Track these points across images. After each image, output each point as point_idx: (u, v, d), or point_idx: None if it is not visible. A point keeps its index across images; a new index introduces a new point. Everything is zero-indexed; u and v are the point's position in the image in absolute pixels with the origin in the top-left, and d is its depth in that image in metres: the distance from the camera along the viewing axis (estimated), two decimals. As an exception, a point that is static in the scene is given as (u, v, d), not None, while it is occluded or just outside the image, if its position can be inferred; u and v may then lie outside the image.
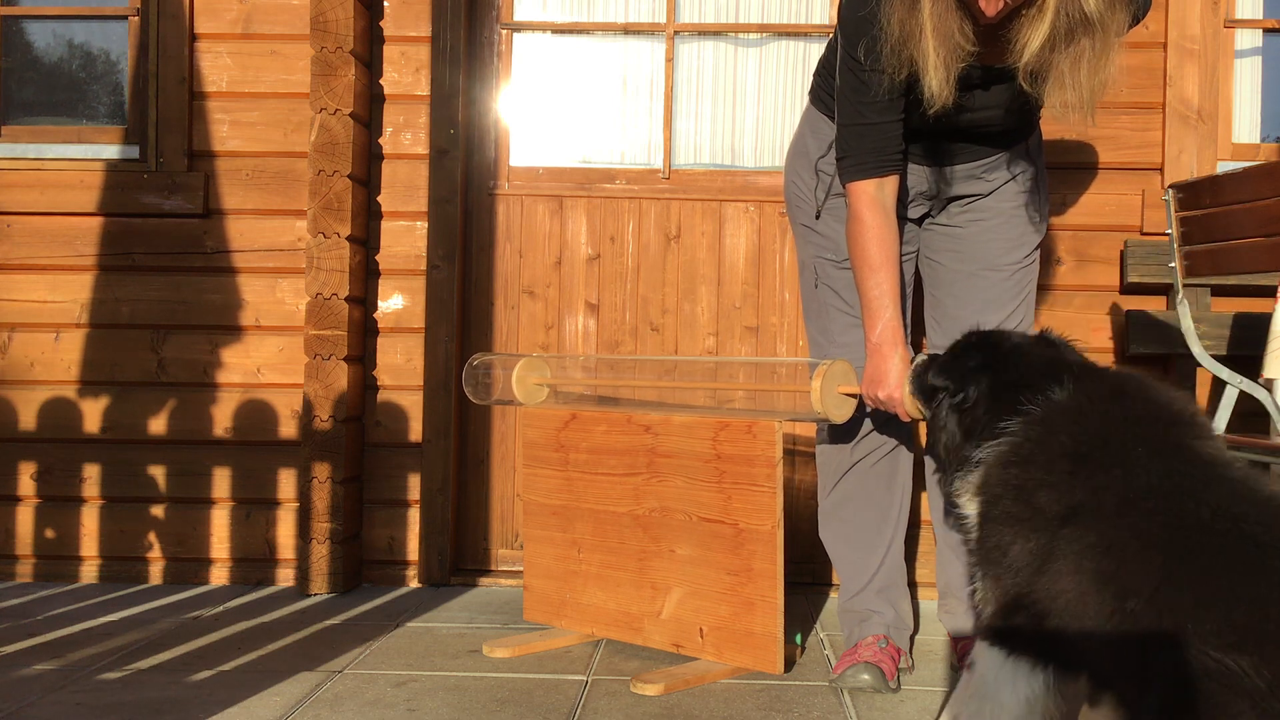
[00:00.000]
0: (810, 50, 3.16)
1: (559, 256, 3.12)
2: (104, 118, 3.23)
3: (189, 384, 3.06)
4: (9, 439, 3.06)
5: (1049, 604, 1.39)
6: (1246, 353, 2.73)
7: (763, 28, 3.16)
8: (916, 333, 2.38)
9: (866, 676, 2.09)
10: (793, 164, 2.31)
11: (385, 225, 3.06)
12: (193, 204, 3.03)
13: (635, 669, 2.22)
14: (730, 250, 3.09)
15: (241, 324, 3.06)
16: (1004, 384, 1.61)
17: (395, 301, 3.05)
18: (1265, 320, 2.52)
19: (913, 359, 2.23)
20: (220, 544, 3.04)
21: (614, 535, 2.37)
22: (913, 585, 2.95)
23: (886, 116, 2.01)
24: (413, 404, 3.04)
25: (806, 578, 3.04)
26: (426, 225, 3.03)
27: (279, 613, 2.71)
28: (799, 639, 2.49)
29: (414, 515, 3.04)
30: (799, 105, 3.15)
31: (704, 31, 3.17)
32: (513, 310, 3.13)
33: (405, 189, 3.06)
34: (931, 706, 2.03)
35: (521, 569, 3.06)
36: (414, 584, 3.03)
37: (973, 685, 1.50)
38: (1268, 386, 2.40)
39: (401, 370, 3.05)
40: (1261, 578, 1.22)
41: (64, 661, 2.24)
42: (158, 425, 3.06)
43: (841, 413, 2.08)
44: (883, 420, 2.20)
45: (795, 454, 3.08)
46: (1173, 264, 2.52)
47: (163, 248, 3.06)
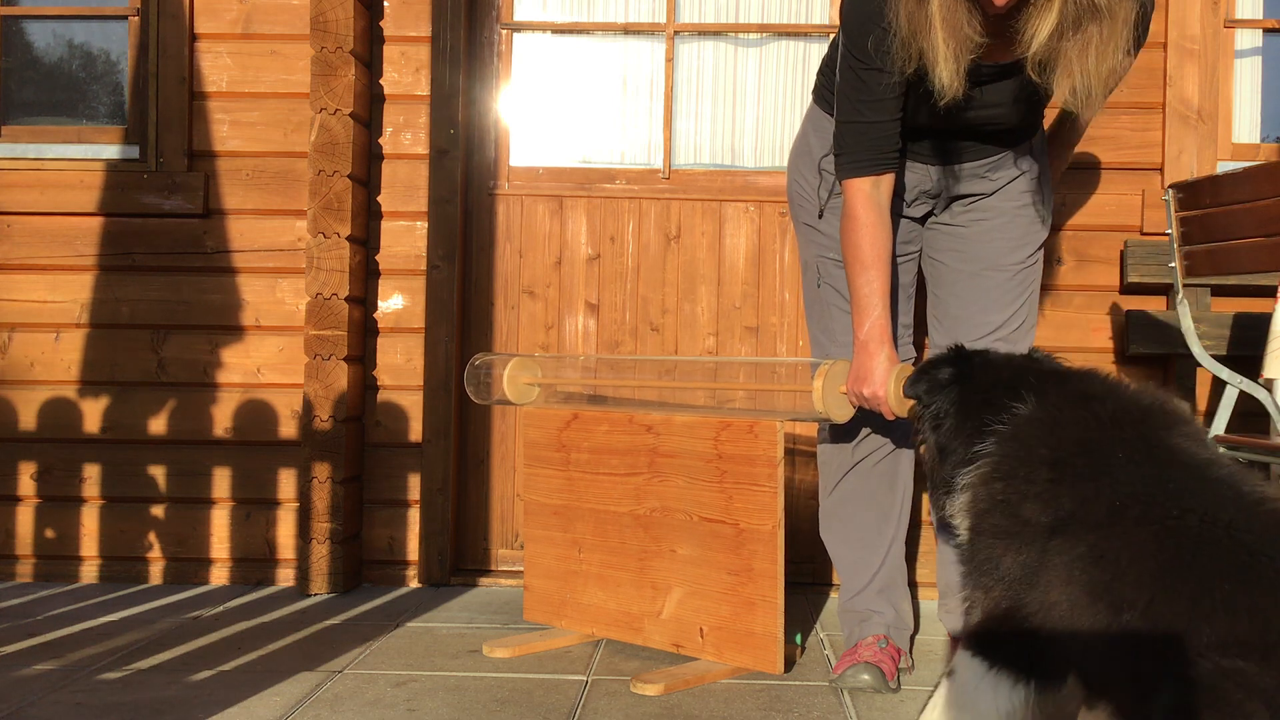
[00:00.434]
0: (810, 50, 3.16)
1: (559, 256, 3.12)
2: (104, 118, 3.23)
3: (189, 384, 3.06)
4: (9, 439, 3.06)
5: (1039, 617, 1.38)
6: (1246, 353, 2.73)
7: (763, 28, 3.16)
8: (919, 332, 2.38)
9: (866, 676, 2.09)
10: (796, 163, 2.31)
11: (385, 225, 3.06)
12: (193, 204, 3.03)
13: (635, 669, 2.22)
14: (730, 250, 3.09)
15: (241, 324, 3.06)
16: (972, 401, 1.61)
17: (395, 301, 3.05)
18: (1265, 320, 2.52)
19: (914, 359, 2.24)
20: (220, 544, 3.04)
21: (615, 535, 2.37)
22: (913, 585, 2.95)
23: (885, 115, 2.01)
24: (413, 404, 3.04)
25: (807, 578, 3.04)
26: (426, 225, 3.03)
27: (279, 613, 2.71)
28: (799, 639, 2.49)
29: (414, 515, 3.04)
30: (799, 105, 3.15)
31: (704, 31, 3.17)
32: (513, 310, 3.13)
33: (405, 189, 3.06)
34: (932, 706, 2.03)
35: (521, 569, 3.06)
36: (414, 584, 3.03)
37: (952, 693, 1.48)
38: (1268, 386, 2.40)
39: (401, 370, 3.05)
40: (1257, 585, 1.22)
41: (64, 661, 2.24)
42: (158, 425, 3.06)
43: (843, 412, 2.08)
44: (881, 421, 2.20)
45: (796, 454, 3.08)
46: (1173, 264, 2.52)
47: (163, 248, 3.06)
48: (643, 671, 2.17)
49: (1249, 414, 2.64)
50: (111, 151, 3.12)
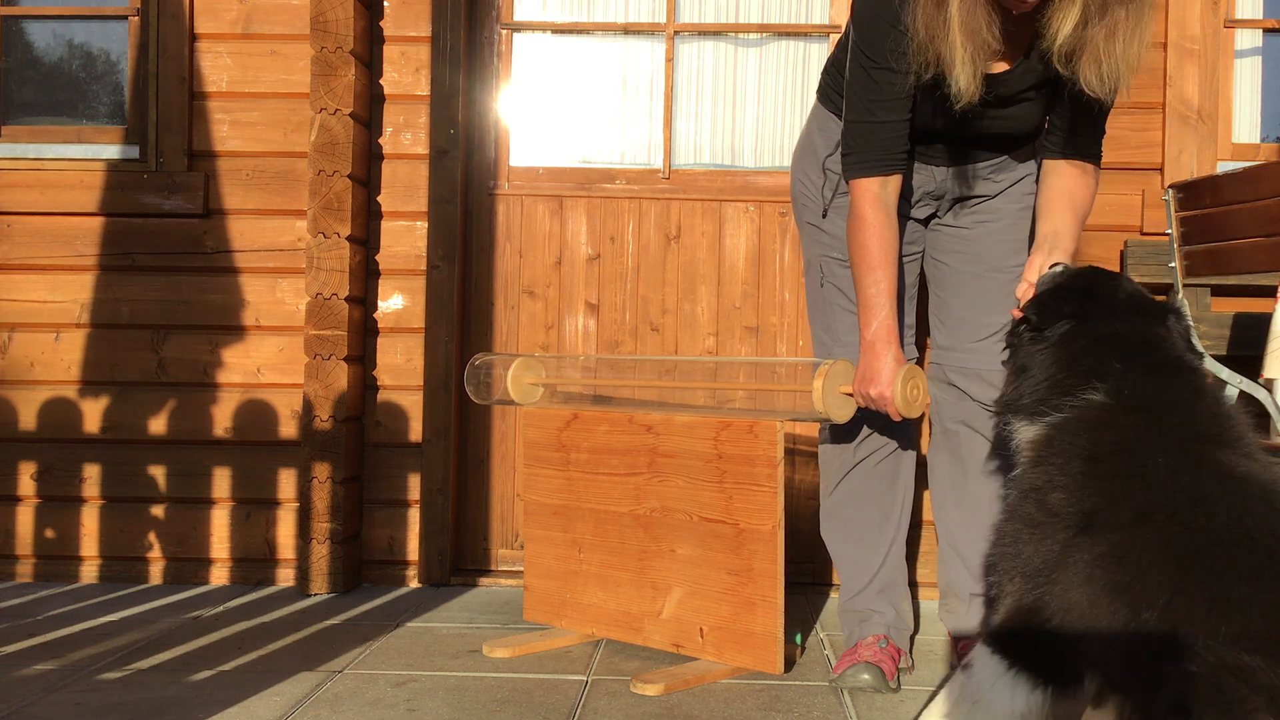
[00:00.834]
0: (810, 50, 3.16)
1: (559, 256, 3.12)
2: (104, 118, 3.23)
3: (189, 384, 3.06)
4: (9, 439, 3.06)
5: (1060, 618, 1.38)
6: (1246, 353, 2.73)
7: (763, 28, 3.16)
8: (921, 332, 2.38)
9: (866, 676, 2.09)
10: (800, 162, 2.31)
11: (385, 225, 3.06)
12: (193, 204, 3.03)
13: (635, 669, 2.22)
14: (730, 250, 3.09)
15: (241, 324, 3.06)
16: (1062, 360, 1.59)
17: (395, 301, 3.05)
18: (1265, 320, 2.52)
19: (916, 359, 2.24)
20: (220, 544, 3.04)
21: (615, 535, 2.37)
22: (913, 585, 2.95)
23: (894, 115, 2.01)
24: (413, 404, 3.04)
25: (807, 578, 3.04)
26: (426, 225, 3.03)
27: (279, 613, 2.71)
28: (799, 639, 2.49)
29: (414, 515, 3.04)
30: (799, 105, 3.15)
31: (704, 31, 3.17)
32: (513, 310, 3.13)
33: (405, 189, 3.06)
34: (932, 706, 2.03)
35: (521, 569, 3.06)
36: (414, 584, 3.03)
37: (968, 689, 1.47)
38: (1268, 386, 2.40)
39: (401, 370, 3.05)
40: (1275, 585, 1.22)
41: (64, 661, 2.24)
42: (158, 425, 3.06)
43: (843, 412, 2.08)
44: (883, 421, 2.20)
45: (796, 454, 3.08)
46: (1173, 264, 2.52)
47: (163, 248, 3.06)
48: (643, 671, 2.17)
49: (1249, 414, 2.64)
50: (111, 151, 3.12)
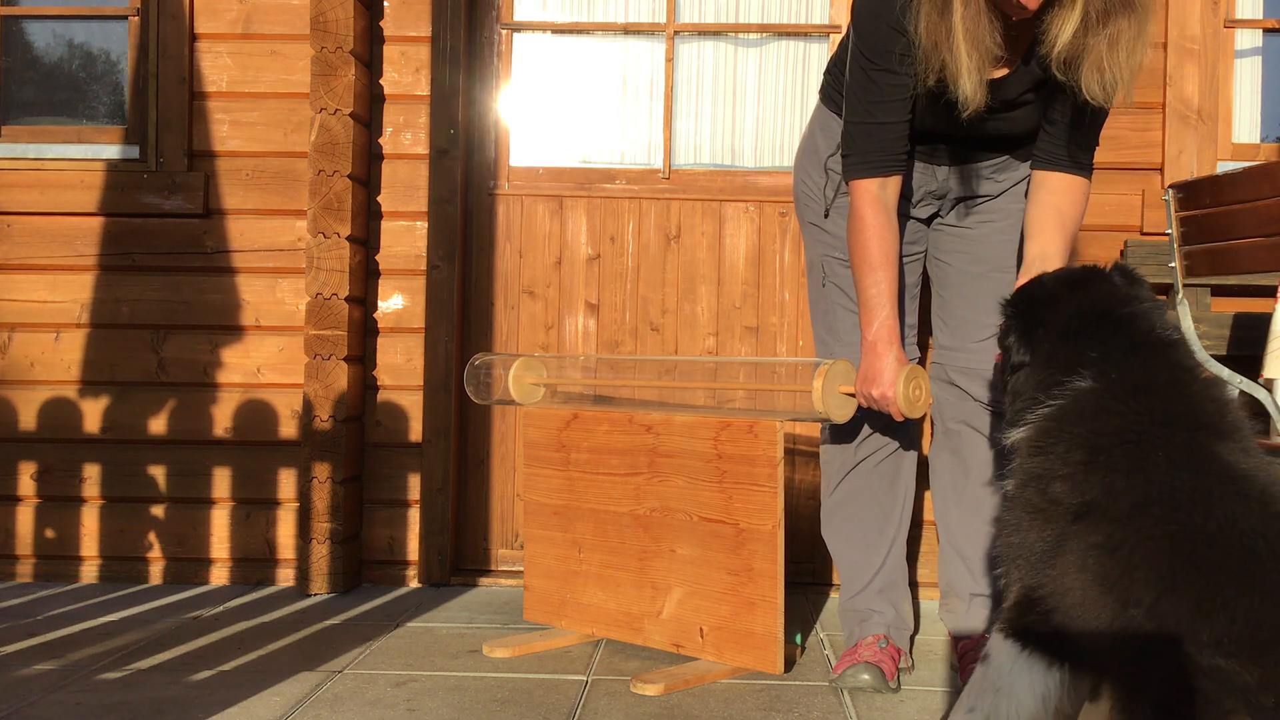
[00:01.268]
0: (810, 50, 3.16)
1: (559, 256, 3.12)
2: (104, 118, 3.23)
3: (189, 384, 3.06)
4: (9, 439, 3.06)
5: (1057, 599, 1.40)
6: (1246, 353, 2.73)
7: (763, 28, 3.16)
8: (923, 332, 2.38)
9: (866, 676, 2.09)
10: (802, 162, 2.31)
11: (385, 225, 3.06)
12: (193, 204, 3.03)
13: (635, 669, 2.22)
14: (730, 250, 3.09)
15: (241, 324, 3.06)
16: (1053, 350, 1.58)
17: (395, 301, 3.05)
18: (1265, 320, 2.52)
19: (918, 359, 2.24)
20: (220, 544, 3.04)
21: (615, 535, 2.37)
22: (913, 585, 2.95)
23: (894, 116, 2.01)
24: (413, 404, 3.04)
25: (807, 578, 3.04)
26: (426, 225, 3.03)
27: (279, 613, 2.71)
28: (799, 639, 2.49)
29: (414, 515, 3.04)
30: (799, 105, 3.15)
31: (704, 31, 3.17)
32: (513, 310, 3.13)
33: (405, 189, 3.06)
34: (931, 706, 2.03)
35: (521, 569, 3.06)
36: (414, 584, 3.03)
37: (989, 677, 1.49)
38: (1268, 386, 2.40)
39: (401, 370, 3.05)
40: (1258, 590, 1.24)
41: (64, 661, 2.24)
42: (158, 425, 3.06)
43: (843, 412, 2.08)
44: (884, 421, 2.20)
45: (796, 454, 3.08)
46: (1173, 264, 2.52)
47: (163, 248, 3.06)
48: (643, 671, 2.17)
49: (1249, 414, 2.64)
50: (111, 151, 3.12)
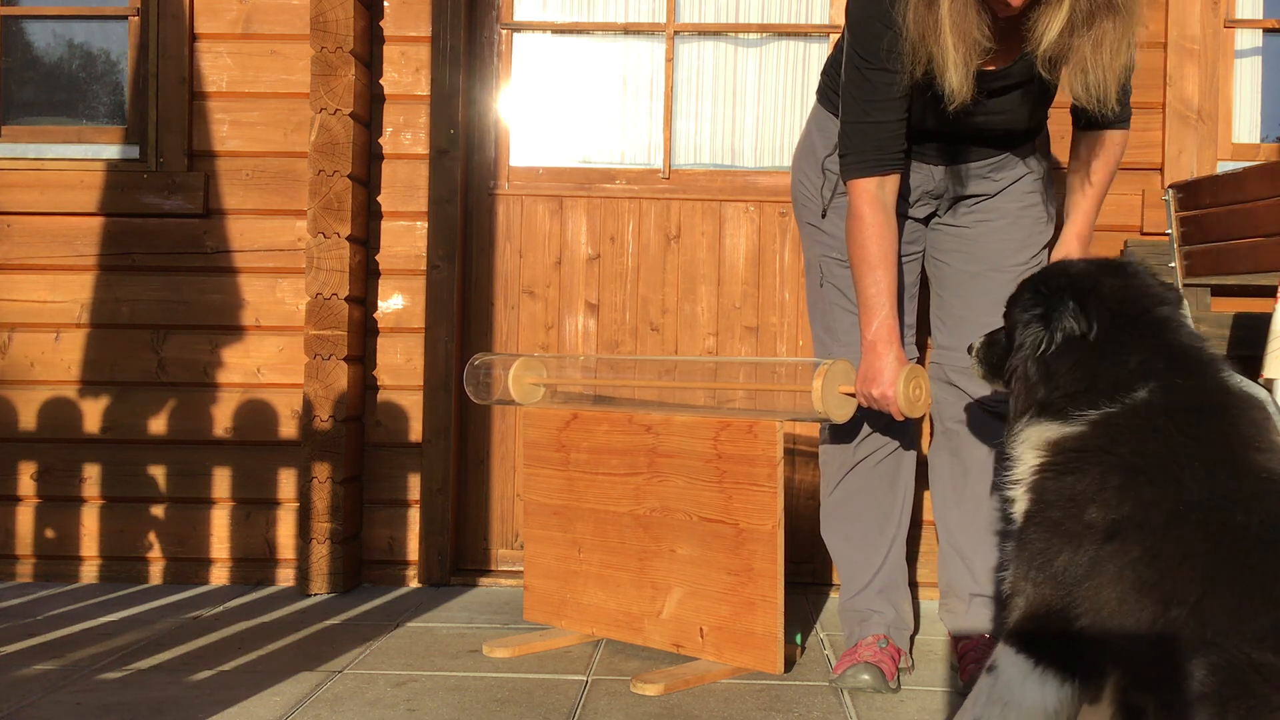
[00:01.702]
0: (810, 50, 3.16)
1: (559, 256, 3.12)
2: (104, 118, 3.23)
3: (189, 384, 3.06)
4: (9, 439, 3.06)
5: (1088, 617, 1.38)
6: (1246, 353, 2.72)
7: (763, 28, 3.16)
8: (922, 332, 2.38)
9: (866, 676, 2.09)
10: (799, 163, 2.31)
11: (385, 225, 3.06)
12: (193, 204, 3.03)
13: (635, 669, 2.22)
14: (730, 250, 3.09)
15: (241, 324, 3.06)
16: (1094, 364, 1.53)
17: (395, 301, 3.05)
18: (1265, 320, 2.52)
19: (917, 359, 2.24)
20: (220, 544, 3.04)
21: (614, 535, 2.37)
22: (913, 585, 2.95)
23: (891, 115, 2.01)
24: (413, 404, 3.04)
25: (806, 578, 3.04)
26: (426, 225, 3.03)
27: (279, 613, 2.71)
28: (799, 639, 2.49)
29: (414, 515, 3.04)
30: (799, 105, 3.15)
31: (704, 31, 3.17)
32: (513, 310, 3.13)
33: (405, 189, 3.06)
34: (931, 706, 2.03)
35: (521, 569, 3.06)
36: (414, 584, 3.03)
37: (996, 691, 1.48)
38: (1268, 386, 2.40)
39: (401, 370, 3.05)
40: None
41: (64, 661, 2.24)
42: (158, 425, 3.06)
43: (843, 412, 2.08)
44: (883, 421, 2.20)
45: (795, 454, 3.08)
46: (1173, 264, 2.52)
47: (163, 248, 3.06)
48: (643, 671, 2.17)
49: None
50: (111, 151, 3.12)
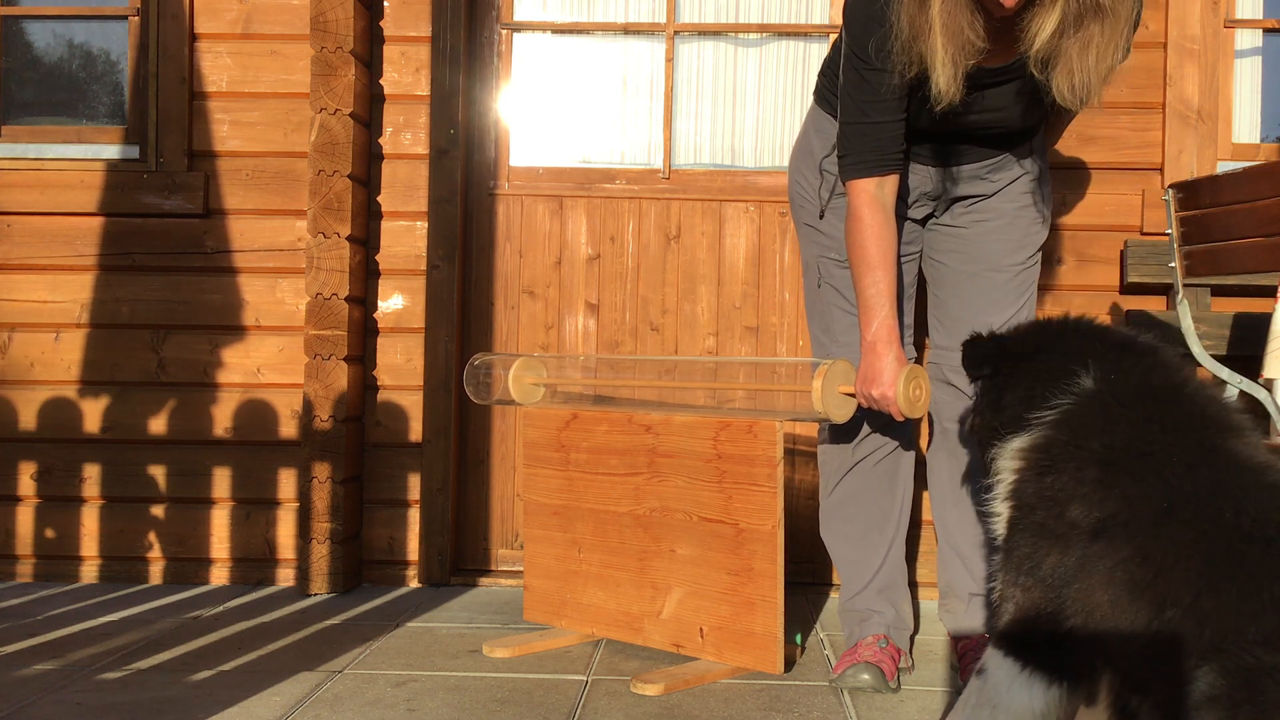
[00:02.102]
0: (810, 50, 3.16)
1: (559, 256, 3.12)
2: (104, 118, 3.23)
3: (189, 384, 3.06)
4: (9, 439, 3.06)
5: (1078, 619, 1.37)
6: (1246, 353, 2.73)
7: (763, 28, 3.16)
8: (920, 333, 2.38)
9: (866, 676, 2.09)
10: (797, 163, 2.31)
11: (385, 225, 3.06)
12: (193, 204, 3.03)
13: (635, 669, 2.22)
14: (730, 250, 3.09)
15: (241, 324, 3.06)
16: (1035, 369, 1.57)
17: (395, 301, 3.05)
18: (1265, 320, 2.52)
19: (914, 359, 2.24)
20: (220, 544, 3.04)
21: (614, 535, 2.37)
22: (913, 585, 2.95)
23: (889, 115, 2.01)
24: (413, 404, 3.04)
25: (806, 578, 3.04)
26: (426, 225, 3.03)
27: (279, 613, 2.71)
28: (799, 639, 2.49)
29: (414, 515, 3.04)
30: (799, 105, 3.15)
31: (704, 31, 3.17)
32: (513, 310, 3.13)
33: (405, 189, 3.06)
34: (931, 706, 2.03)
35: (521, 569, 3.06)
36: (414, 584, 3.03)
37: (984, 694, 1.48)
38: (1268, 386, 2.40)
39: (401, 370, 3.05)
40: None
41: (64, 661, 2.24)
42: (158, 425, 3.06)
43: (842, 412, 2.08)
44: (882, 421, 2.20)
45: (795, 454, 3.08)
46: (1173, 264, 2.52)
47: (163, 248, 3.06)
48: (643, 671, 2.17)
49: (1249, 414, 2.64)
50: (111, 151, 3.12)
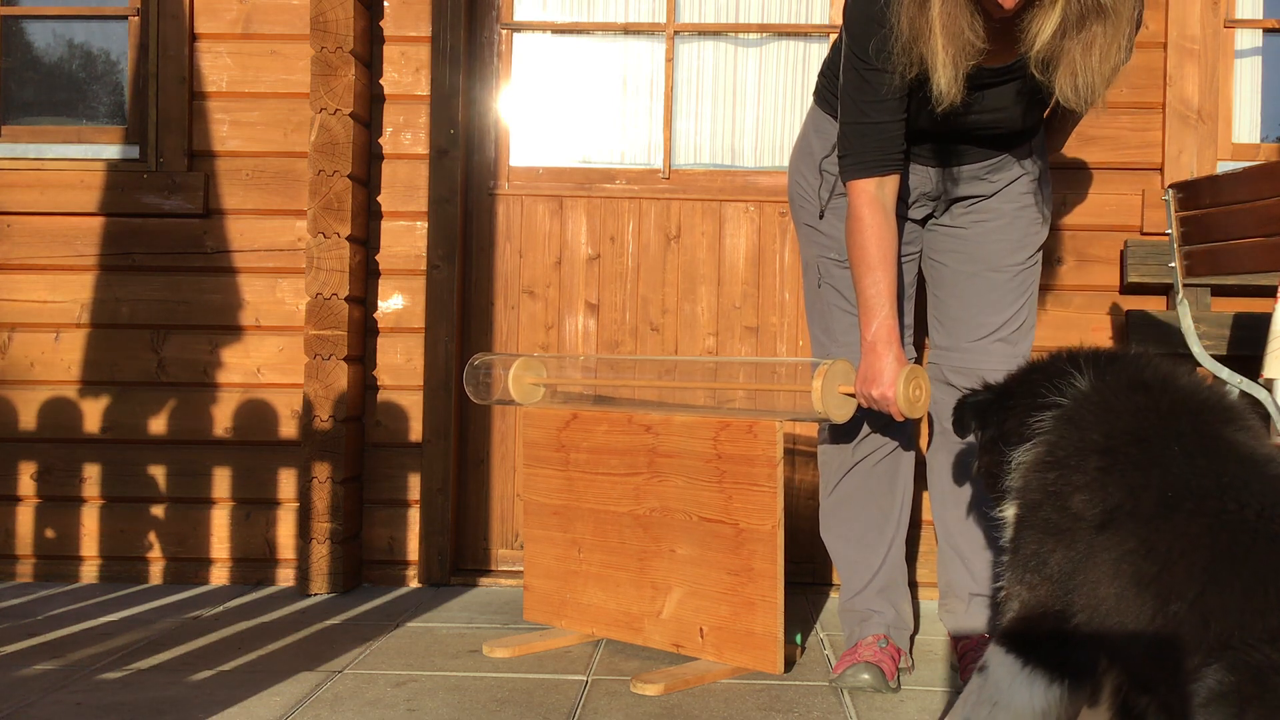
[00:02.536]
0: (810, 50, 3.16)
1: (559, 256, 3.12)
2: (104, 118, 3.23)
3: (189, 384, 3.06)
4: (9, 439, 3.06)
5: (1082, 615, 1.37)
6: (1246, 353, 2.73)
7: (763, 28, 3.16)
8: (920, 333, 2.38)
9: (866, 676, 2.09)
10: (797, 164, 2.32)
11: (385, 225, 3.06)
12: (193, 204, 3.03)
13: (635, 669, 2.22)
14: (730, 250, 3.09)
15: (241, 324, 3.06)
16: (1027, 383, 1.59)
17: (395, 301, 3.05)
18: (1265, 320, 2.52)
19: (915, 359, 2.24)
20: (220, 544, 3.04)
21: (614, 535, 2.37)
22: (913, 585, 2.95)
23: (889, 116, 2.01)
24: (413, 404, 3.04)
25: (806, 578, 3.04)
26: (426, 225, 3.03)
27: (279, 613, 2.71)
28: (799, 639, 2.49)
29: (414, 515, 3.04)
30: (799, 105, 3.15)
31: (704, 31, 3.17)
32: (513, 310, 3.13)
33: (405, 189, 3.06)
34: (931, 706, 2.03)
35: (521, 569, 3.06)
36: (414, 584, 3.03)
37: (986, 690, 1.48)
38: (1268, 386, 2.40)
39: (401, 370, 3.05)
40: None
41: (64, 661, 2.24)
42: (158, 425, 3.06)
43: (842, 412, 2.08)
44: (882, 421, 2.20)
45: (795, 454, 3.08)
46: (1173, 264, 2.52)
47: (163, 248, 3.06)
48: (643, 671, 2.17)
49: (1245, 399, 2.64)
50: (111, 151, 3.12)
